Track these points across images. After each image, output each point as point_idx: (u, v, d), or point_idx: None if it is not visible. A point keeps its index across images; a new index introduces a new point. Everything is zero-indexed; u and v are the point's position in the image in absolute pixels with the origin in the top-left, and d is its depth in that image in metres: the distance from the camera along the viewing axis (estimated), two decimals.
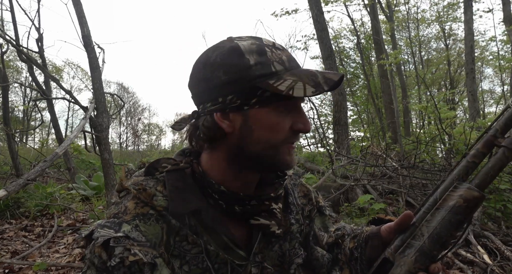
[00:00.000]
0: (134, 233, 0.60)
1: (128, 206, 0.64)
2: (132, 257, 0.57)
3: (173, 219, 0.64)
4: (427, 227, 0.63)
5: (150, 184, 0.67)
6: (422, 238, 0.62)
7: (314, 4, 7.31)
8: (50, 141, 17.60)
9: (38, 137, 26.88)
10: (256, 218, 0.69)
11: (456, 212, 0.61)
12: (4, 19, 7.98)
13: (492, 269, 2.06)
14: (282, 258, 0.75)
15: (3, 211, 3.87)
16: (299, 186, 0.87)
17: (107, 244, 0.58)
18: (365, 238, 0.79)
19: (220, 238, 0.67)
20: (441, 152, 5.92)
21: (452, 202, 0.62)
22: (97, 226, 0.61)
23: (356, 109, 18.95)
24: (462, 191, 0.62)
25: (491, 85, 25.08)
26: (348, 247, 0.82)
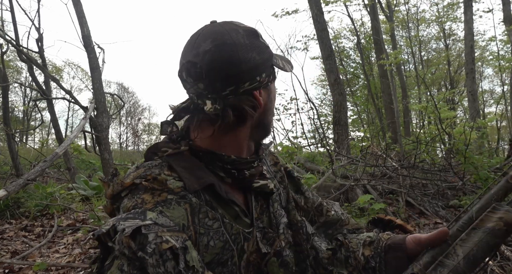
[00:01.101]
0: (161, 219, 0.59)
1: (145, 197, 0.63)
2: (166, 244, 0.56)
3: (193, 197, 0.65)
4: (461, 246, 0.60)
5: (155, 171, 0.67)
6: (456, 258, 0.60)
7: (314, 4, 7.31)
8: (50, 141, 17.61)
9: (38, 137, 26.89)
10: (256, 180, 0.74)
11: (495, 235, 0.59)
12: (4, 19, 7.98)
13: (492, 269, 2.06)
14: (270, 221, 0.79)
15: (3, 211, 3.87)
16: (269, 155, 0.92)
17: (136, 232, 0.56)
18: (386, 248, 0.76)
19: (232, 209, 0.70)
20: (441, 152, 5.92)
21: (491, 224, 0.60)
22: (117, 220, 0.59)
23: (356, 109, 18.95)
24: (501, 213, 0.60)
25: (491, 85, 25.09)
26: (362, 253, 0.79)
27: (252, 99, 0.70)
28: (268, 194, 0.77)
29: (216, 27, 0.70)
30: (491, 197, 0.64)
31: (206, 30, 0.70)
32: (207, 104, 0.68)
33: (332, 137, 7.40)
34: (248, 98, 0.70)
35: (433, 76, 19.06)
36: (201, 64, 0.66)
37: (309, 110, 11.37)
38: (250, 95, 0.70)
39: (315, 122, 8.19)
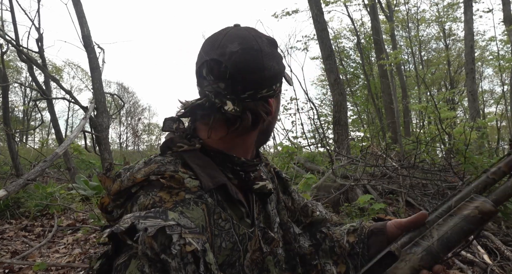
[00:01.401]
0: (183, 220, 0.58)
1: (163, 196, 0.61)
2: (189, 247, 0.54)
3: (209, 197, 0.65)
4: (437, 230, 0.66)
5: (170, 167, 0.66)
6: (431, 239, 0.65)
7: (314, 4, 7.31)
8: (50, 141, 17.60)
9: (38, 137, 26.89)
10: (256, 182, 0.75)
11: (469, 222, 0.64)
12: (5, 19, 7.98)
13: (492, 269, 2.06)
14: (269, 220, 0.80)
15: (3, 211, 3.87)
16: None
17: (159, 233, 0.53)
18: (369, 233, 0.82)
19: (239, 210, 0.70)
20: (441, 152, 5.92)
21: (467, 211, 0.65)
22: (137, 218, 0.55)
23: (356, 109, 18.96)
24: (478, 203, 0.65)
25: (491, 85, 25.09)
26: (347, 240, 0.85)
27: (267, 106, 0.73)
28: (266, 194, 0.78)
29: (242, 31, 0.71)
30: (471, 190, 0.69)
31: (232, 32, 0.71)
32: (228, 105, 0.68)
33: (332, 137, 7.40)
34: (263, 104, 0.72)
35: (433, 76, 19.06)
36: (226, 64, 0.66)
37: (309, 110, 11.38)
38: (265, 102, 0.72)
39: (315, 122, 8.19)
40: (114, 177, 0.68)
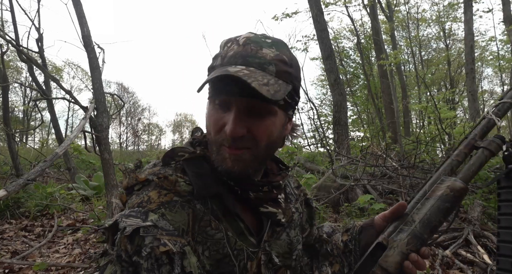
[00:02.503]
0: (161, 222, 0.59)
1: (151, 196, 0.63)
2: (163, 247, 0.55)
3: (199, 204, 0.64)
4: (417, 214, 0.70)
5: (169, 171, 0.67)
6: (413, 223, 0.69)
7: (314, 4, 7.31)
8: (50, 140, 17.62)
9: (38, 137, 26.90)
10: (265, 206, 0.71)
11: (444, 200, 0.69)
12: (5, 19, 7.98)
13: (492, 269, 2.06)
14: (291, 245, 0.78)
15: (3, 211, 3.87)
16: (292, 177, 0.92)
17: (135, 234, 0.56)
18: (359, 230, 0.84)
19: (236, 224, 0.68)
20: (441, 152, 5.92)
21: (440, 191, 0.70)
22: (121, 216, 0.59)
23: (356, 109, 18.96)
24: (448, 182, 0.71)
25: (491, 85, 25.08)
26: (341, 240, 0.87)
27: None
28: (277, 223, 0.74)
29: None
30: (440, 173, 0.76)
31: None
32: None
33: (332, 136, 7.40)
34: None
35: (433, 76, 19.07)
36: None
37: (309, 110, 11.38)
38: None
39: (315, 122, 8.19)
40: (128, 174, 0.69)
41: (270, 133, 0.66)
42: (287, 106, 0.68)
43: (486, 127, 0.80)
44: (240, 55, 0.63)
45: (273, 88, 0.60)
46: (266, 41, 0.66)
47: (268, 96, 0.57)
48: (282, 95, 0.60)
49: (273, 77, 0.62)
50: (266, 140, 0.65)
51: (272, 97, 0.58)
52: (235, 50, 0.64)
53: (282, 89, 0.61)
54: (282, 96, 0.60)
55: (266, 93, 0.58)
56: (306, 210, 0.91)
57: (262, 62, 0.62)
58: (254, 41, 0.65)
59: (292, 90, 0.67)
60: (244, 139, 0.64)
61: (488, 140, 0.77)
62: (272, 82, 0.61)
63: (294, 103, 0.70)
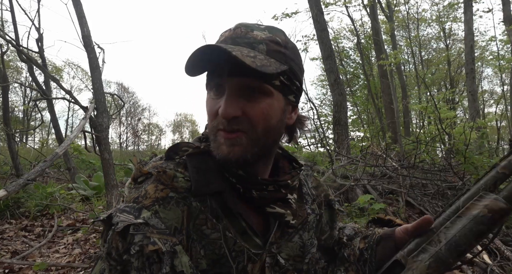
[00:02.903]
0: (153, 220, 0.58)
1: (148, 190, 0.62)
2: (152, 246, 0.55)
3: (195, 201, 0.62)
4: (445, 234, 0.61)
5: (170, 166, 0.65)
6: (439, 244, 0.60)
7: (314, 4, 7.30)
8: (50, 140, 17.62)
9: (38, 137, 26.90)
10: (272, 206, 0.68)
11: (478, 222, 0.59)
12: (5, 19, 7.98)
13: (492, 269, 2.06)
14: (303, 248, 0.74)
15: (3, 211, 3.87)
16: (311, 176, 0.87)
17: (126, 230, 0.55)
18: (378, 239, 0.78)
19: (239, 223, 0.65)
20: (441, 152, 5.92)
21: (476, 211, 0.60)
22: (116, 210, 0.59)
23: (356, 109, 18.96)
24: (487, 201, 0.60)
25: (491, 85, 25.08)
26: (358, 247, 0.82)
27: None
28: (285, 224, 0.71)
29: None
30: (480, 187, 0.63)
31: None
32: None
33: (332, 136, 7.39)
34: None
35: (433, 76, 19.07)
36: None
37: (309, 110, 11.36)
38: None
39: (315, 122, 8.19)
40: (136, 165, 0.69)
41: (267, 115, 0.62)
42: (284, 89, 0.64)
43: None
44: (230, 37, 0.62)
45: (260, 62, 0.57)
46: (259, 26, 0.64)
47: (252, 66, 0.54)
48: (273, 71, 0.57)
49: (263, 55, 0.60)
50: (262, 122, 0.62)
51: (258, 68, 0.55)
52: (225, 35, 0.64)
53: (273, 66, 0.59)
54: (272, 71, 0.57)
55: (250, 63, 0.55)
56: (328, 211, 0.87)
57: (251, 41, 0.61)
58: (246, 25, 0.64)
59: (290, 72, 0.64)
60: (238, 121, 0.61)
61: None
62: (261, 57, 0.58)
63: (295, 88, 0.67)
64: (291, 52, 0.65)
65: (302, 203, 0.78)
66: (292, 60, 0.64)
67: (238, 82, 0.61)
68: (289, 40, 0.66)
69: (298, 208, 0.75)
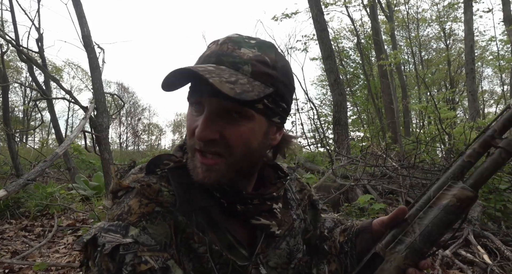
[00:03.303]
0: (143, 237, 0.56)
1: (132, 205, 0.60)
2: (144, 265, 0.54)
3: (181, 216, 0.61)
4: (419, 224, 0.63)
5: (153, 180, 0.64)
6: (413, 235, 0.63)
7: (314, 4, 7.31)
8: (50, 140, 17.62)
9: (38, 137, 26.90)
10: (257, 218, 0.67)
11: (448, 211, 0.62)
12: (5, 19, 7.98)
13: (492, 269, 2.06)
14: (290, 255, 0.75)
15: (3, 211, 3.87)
16: (294, 180, 0.86)
17: (115, 251, 0.54)
18: (356, 232, 0.80)
19: (225, 236, 0.65)
20: (441, 152, 5.92)
21: (445, 201, 0.62)
22: (99, 230, 0.56)
23: (356, 109, 18.96)
24: (456, 190, 0.62)
25: (491, 85, 25.09)
26: (338, 240, 0.83)
27: None
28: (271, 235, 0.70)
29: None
30: (448, 176, 0.66)
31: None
32: None
33: (332, 136, 7.40)
34: None
35: (433, 76, 19.08)
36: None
37: (309, 110, 11.38)
38: None
39: (315, 122, 8.19)
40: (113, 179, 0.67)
41: (247, 140, 0.60)
42: (268, 112, 0.61)
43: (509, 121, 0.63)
44: (215, 54, 0.60)
45: (241, 88, 0.54)
46: (249, 42, 0.61)
47: (230, 94, 0.52)
48: (254, 97, 0.55)
49: (247, 78, 0.57)
50: (242, 147, 0.60)
51: (236, 96, 0.52)
52: (212, 49, 0.61)
53: (256, 91, 0.56)
54: (253, 97, 0.54)
55: (228, 91, 0.52)
56: (311, 211, 0.87)
57: (236, 61, 0.58)
58: (234, 40, 0.60)
59: (275, 94, 0.61)
60: (216, 144, 0.59)
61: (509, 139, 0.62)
62: (243, 82, 0.56)
63: (280, 110, 0.63)
64: (280, 72, 0.61)
65: (287, 209, 0.78)
66: (280, 81, 0.61)
67: (218, 104, 0.58)
68: (280, 58, 0.63)
69: (284, 215, 0.75)
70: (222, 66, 0.57)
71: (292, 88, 0.66)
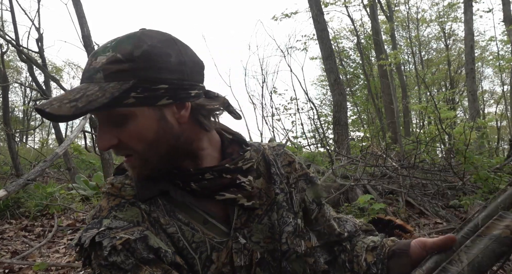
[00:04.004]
0: (115, 223, 0.63)
1: (102, 204, 0.68)
2: (120, 241, 0.59)
3: (143, 204, 0.67)
4: (466, 253, 0.59)
5: (118, 179, 0.71)
6: (460, 264, 0.58)
7: (314, 4, 7.31)
8: (50, 140, 17.62)
9: (38, 137, 26.87)
10: (221, 193, 0.68)
11: (501, 243, 0.57)
12: (5, 19, 7.98)
13: (491, 269, 2.06)
14: (272, 229, 0.74)
15: (3, 211, 3.87)
16: (282, 155, 0.85)
17: (94, 242, 0.60)
18: (390, 253, 0.74)
19: (197, 213, 0.68)
20: (441, 152, 5.93)
21: (497, 231, 0.58)
22: (82, 232, 0.63)
23: (356, 109, 18.95)
24: (508, 221, 0.59)
25: (491, 85, 25.09)
26: (365, 258, 0.78)
27: None
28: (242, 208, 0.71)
29: None
30: (498, 205, 0.62)
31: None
32: None
33: (332, 137, 7.40)
34: None
35: (433, 76, 19.08)
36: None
37: (309, 110, 11.38)
38: None
39: (315, 122, 8.20)
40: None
41: (140, 135, 0.62)
42: (145, 101, 0.60)
43: None
44: (83, 72, 0.63)
45: (86, 100, 0.56)
46: (107, 47, 0.61)
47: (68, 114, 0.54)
48: (104, 100, 0.56)
49: (99, 85, 0.58)
50: (139, 143, 0.63)
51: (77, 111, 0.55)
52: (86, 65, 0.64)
53: (108, 93, 0.57)
54: (103, 101, 0.56)
55: (66, 111, 0.54)
56: (311, 188, 0.84)
57: (91, 74, 0.60)
58: (94, 53, 0.63)
59: (142, 82, 0.59)
60: (120, 147, 0.64)
61: None
62: (92, 91, 0.57)
63: (162, 93, 0.61)
64: (140, 60, 0.60)
65: (270, 184, 0.78)
66: (141, 68, 0.60)
67: (99, 115, 0.64)
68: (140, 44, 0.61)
69: (266, 189, 0.76)
70: (83, 84, 0.61)
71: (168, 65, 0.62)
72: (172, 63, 0.62)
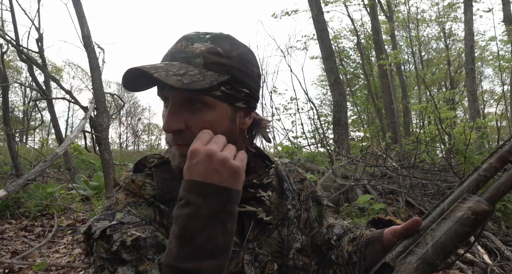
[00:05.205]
0: (127, 218, 0.63)
1: (119, 198, 0.67)
2: (130, 237, 0.59)
3: (163, 205, 0.67)
4: (431, 235, 0.62)
5: (139, 177, 0.71)
6: (425, 246, 0.62)
7: (314, 4, 7.31)
8: (50, 140, 17.62)
9: (38, 137, 26.89)
10: (243, 205, 0.69)
11: (463, 224, 0.60)
12: (5, 19, 7.98)
13: (492, 269, 2.06)
14: (282, 244, 0.76)
15: (3, 211, 3.87)
16: (294, 172, 0.88)
17: (104, 234, 0.60)
18: (366, 242, 0.79)
19: None
20: (441, 152, 5.92)
21: (460, 213, 0.61)
22: (93, 221, 0.63)
23: (356, 109, 18.95)
24: (471, 203, 0.62)
25: (491, 85, 25.10)
26: (346, 249, 0.82)
27: None
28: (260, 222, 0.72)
29: None
30: (463, 190, 0.65)
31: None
32: None
33: (332, 137, 7.40)
34: None
35: (433, 76, 19.06)
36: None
37: (309, 110, 11.37)
38: None
39: (315, 122, 8.20)
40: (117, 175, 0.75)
41: (211, 127, 0.62)
42: (229, 98, 0.63)
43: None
44: (170, 52, 0.64)
45: (190, 78, 0.57)
46: (203, 37, 0.64)
47: (176, 85, 0.55)
48: (205, 85, 0.58)
49: (199, 69, 0.60)
50: None
51: (184, 86, 0.56)
52: (168, 50, 0.65)
53: (208, 79, 0.59)
54: (204, 85, 0.58)
55: (174, 82, 0.56)
56: (316, 207, 0.88)
57: (188, 56, 0.61)
58: (188, 38, 0.64)
59: (233, 81, 0.63)
60: (183, 135, 0.63)
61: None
62: (194, 73, 0.59)
63: (243, 95, 0.65)
64: (235, 60, 0.64)
65: (283, 199, 0.80)
66: (236, 68, 0.63)
67: (179, 95, 0.62)
68: (236, 47, 0.65)
69: (278, 204, 0.78)
70: (174, 62, 0.61)
71: (253, 74, 0.67)
72: (254, 73, 0.68)
